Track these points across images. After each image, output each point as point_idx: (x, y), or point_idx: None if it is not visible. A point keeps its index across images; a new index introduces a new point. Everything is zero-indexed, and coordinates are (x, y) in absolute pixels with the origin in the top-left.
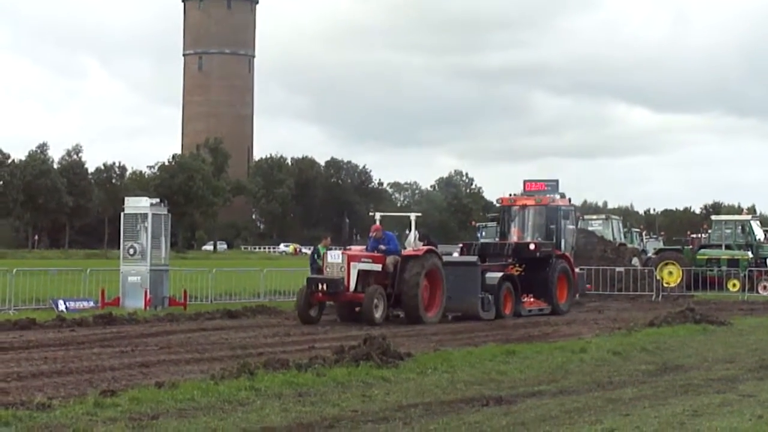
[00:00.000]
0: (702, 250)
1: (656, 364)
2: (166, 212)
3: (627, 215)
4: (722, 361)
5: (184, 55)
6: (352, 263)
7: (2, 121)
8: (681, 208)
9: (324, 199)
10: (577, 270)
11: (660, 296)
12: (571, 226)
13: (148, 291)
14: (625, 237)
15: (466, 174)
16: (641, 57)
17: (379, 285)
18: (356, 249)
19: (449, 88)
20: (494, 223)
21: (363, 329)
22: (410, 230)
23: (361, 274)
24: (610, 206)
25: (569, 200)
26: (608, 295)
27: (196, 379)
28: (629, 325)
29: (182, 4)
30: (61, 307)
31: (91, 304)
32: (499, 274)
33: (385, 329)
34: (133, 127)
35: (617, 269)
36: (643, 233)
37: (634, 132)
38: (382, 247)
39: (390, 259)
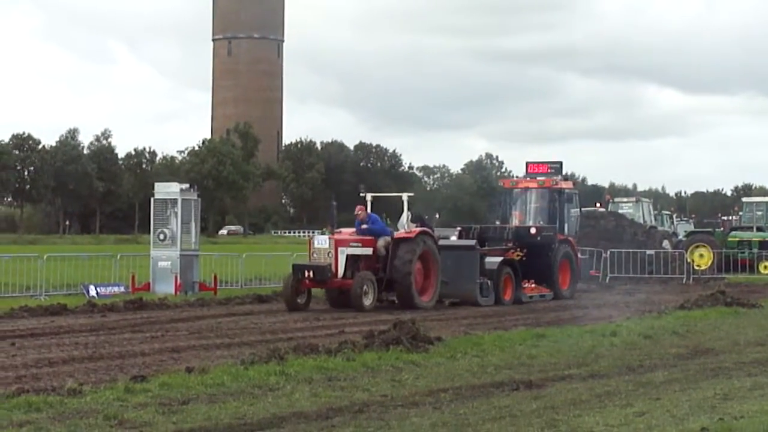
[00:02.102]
0: (733, 233)
1: (687, 347)
2: (196, 197)
3: (657, 198)
4: (753, 344)
5: (213, 40)
6: (339, 248)
7: (32, 107)
8: (712, 190)
9: (354, 184)
10: (580, 255)
11: (691, 279)
12: (574, 210)
13: (178, 276)
14: (655, 220)
15: (497, 157)
16: (671, 38)
17: (370, 269)
18: (345, 232)
19: (479, 71)
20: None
21: (393, 314)
22: (403, 212)
23: (350, 258)
24: (640, 189)
25: (573, 183)
26: (639, 278)
27: (226, 364)
28: (660, 308)
29: None
30: (92, 292)
31: (122, 289)
32: (499, 259)
33: (415, 314)
34: (163, 112)
35: (648, 252)
36: (674, 216)
37: (665, 114)
38: (364, 226)
39: (381, 242)
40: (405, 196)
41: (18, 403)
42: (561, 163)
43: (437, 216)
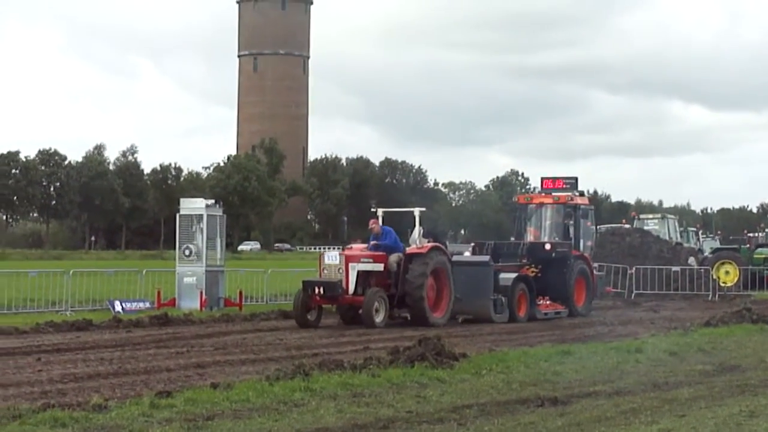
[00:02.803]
0: (759, 249)
1: (713, 364)
2: (221, 213)
3: (683, 214)
4: None
5: (239, 56)
6: (350, 264)
7: (58, 123)
8: (738, 207)
9: (379, 200)
10: (596, 272)
11: (716, 296)
12: (590, 226)
13: (203, 292)
14: (681, 236)
15: (522, 174)
16: (697, 55)
17: (381, 286)
18: (357, 248)
19: (504, 87)
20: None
21: (418, 330)
22: (415, 227)
23: (361, 274)
24: (666, 205)
25: (588, 199)
26: (664, 295)
27: (251, 380)
28: (685, 325)
29: (237, 5)
30: (118, 308)
31: (147, 305)
32: (513, 275)
33: (441, 330)
34: (188, 128)
35: (673, 269)
36: (700, 232)
37: (691, 130)
38: (374, 242)
39: (393, 258)
40: (417, 210)
41: (44, 418)
42: (576, 179)
43: (462, 232)
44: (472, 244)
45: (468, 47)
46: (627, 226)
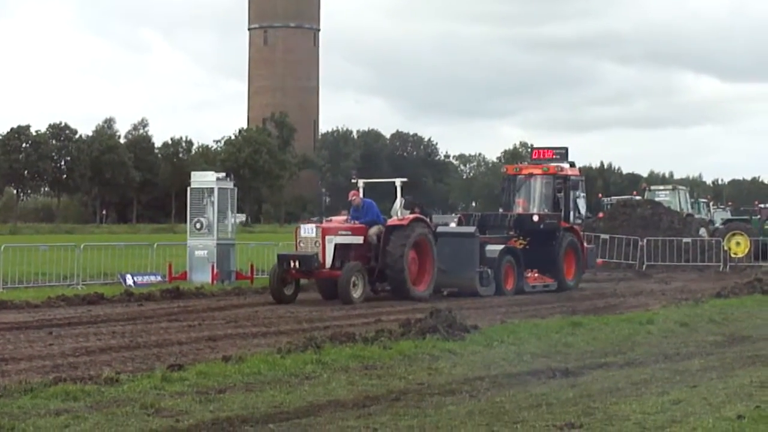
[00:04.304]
0: None
1: (723, 335)
2: (232, 186)
3: (694, 185)
4: None
5: (249, 29)
6: (327, 237)
7: (68, 97)
8: (749, 178)
9: (390, 172)
10: (587, 244)
11: (727, 267)
12: (581, 197)
13: (214, 265)
14: (692, 207)
15: (532, 145)
16: (709, 26)
17: (362, 259)
18: (336, 221)
19: (515, 59)
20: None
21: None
22: (396, 198)
23: (339, 248)
24: (677, 176)
25: (579, 169)
26: (675, 266)
27: (262, 353)
28: (696, 296)
29: None
30: (129, 281)
31: (159, 278)
32: (500, 247)
33: (450, 302)
34: (198, 101)
35: (684, 240)
36: (711, 203)
37: (702, 101)
38: (355, 215)
39: (373, 230)
40: (398, 181)
41: (55, 391)
42: (567, 149)
43: (474, 204)
44: (458, 215)
45: (479, 18)
46: (638, 197)
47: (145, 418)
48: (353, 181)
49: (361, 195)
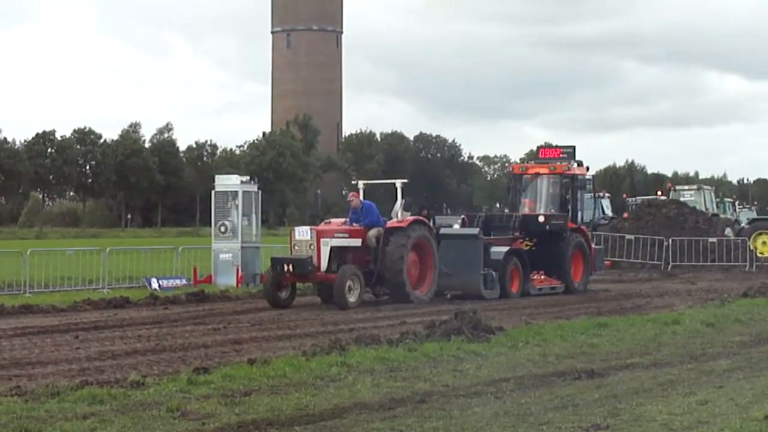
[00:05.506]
0: None
1: (750, 335)
2: (256, 189)
3: (720, 185)
4: None
5: (272, 32)
6: (322, 239)
7: (92, 101)
8: None
9: (414, 174)
10: (594, 245)
11: (753, 266)
12: (588, 197)
13: (239, 268)
14: (717, 207)
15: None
16: (733, 24)
17: (360, 262)
18: (335, 223)
19: (539, 59)
20: (589, 195)
21: (455, 304)
22: (397, 200)
23: (335, 251)
24: (702, 176)
25: (586, 168)
26: (701, 266)
27: (288, 356)
28: (722, 296)
29: None
30: (154, 285)
31: (184, 281)
32: (505, 249)
33: (476, 304)
34: (221, 105)
35: (710, 240)
36: (736, 203)
37: (727, 100)
38: (354, 225)
39: (372, 233)
40: (399, 182)
41: (82, 395)
42: (574, 148)
43: (498, 205)
44: (462, 216)
45: (501, 19)
46: (663, 197)
47: (170, 422)
48: (353, 182)
49: (360, 197)
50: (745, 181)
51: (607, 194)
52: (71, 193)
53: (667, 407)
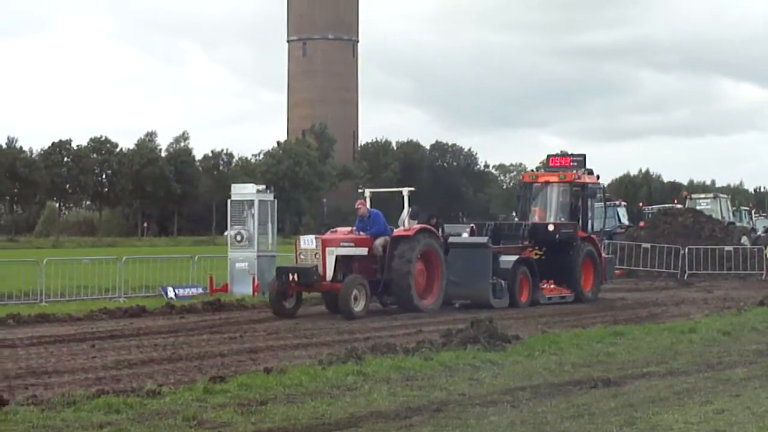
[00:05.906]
0: None
1: (766, 343)
2: (272, 198)
3: (736, 193)
4: None
5: (288, 41)
6: (327, 248)
7: (108, 110)
8: None
9: (430, 183)
10: (605, 254)
11: None
12: (599, 206)
13: (255, 277)
14: (733, 216)
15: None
16: (748, 32)
17: (366, 271)
18: (341, 231)
19: (553, 68)
20: (600, 204)
21: (470, 313)
22: (404, 209)
23: (341, 260)
24: (718, 184)
25: (597, 177)
26: (717, 275)
27: (304, 365)
28: (739, 304)
29: None
30: (170, 294)
31: (200, 290)
32: (514, 258)
33: (492, 312)
34: (238, 114)
35: (726, 248)
36: (753, 211)
37: (743, 108)
38: (361, 234)
39: (378, 242)
40: (406, 190)
41: (98, 404)
42: (584, 156)
43: (514, 214)
44: (471, 224)
45: (516, 28)
46: (679, 206)
47: (187, 431)
48: (360, 190)
49: (368, 205)
50: (762, 190)
51: (623, 203)
52: (87, 202)
53: (684, 416)
